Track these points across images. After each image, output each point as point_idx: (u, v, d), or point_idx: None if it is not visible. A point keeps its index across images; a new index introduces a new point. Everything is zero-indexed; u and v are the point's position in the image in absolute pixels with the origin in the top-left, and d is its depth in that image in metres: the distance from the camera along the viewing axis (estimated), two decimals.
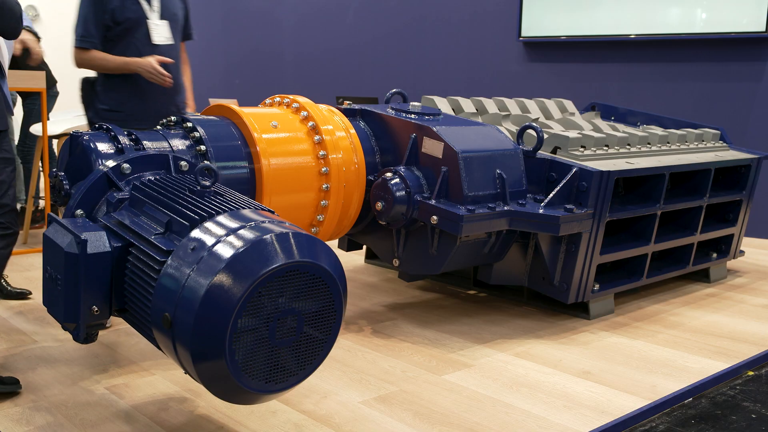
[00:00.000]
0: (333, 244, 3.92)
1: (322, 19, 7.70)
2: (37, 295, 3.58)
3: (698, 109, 5.68)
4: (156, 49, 3.41)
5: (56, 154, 5.18)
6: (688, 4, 5.66)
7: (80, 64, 3.35)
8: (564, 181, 3.14)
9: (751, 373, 2.85)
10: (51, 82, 5.17)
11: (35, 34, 3.62)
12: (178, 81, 3.49)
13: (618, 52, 6.06)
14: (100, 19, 3.35)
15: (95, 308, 1.94)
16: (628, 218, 3.52)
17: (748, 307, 3.68)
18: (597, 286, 3.39)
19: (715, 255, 4.13)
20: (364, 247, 4.06)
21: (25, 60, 3.55)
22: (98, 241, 1.91)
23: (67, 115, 5.26)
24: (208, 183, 2.03)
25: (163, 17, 3.50)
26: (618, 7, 5.93)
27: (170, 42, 3.48)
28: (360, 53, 7.48)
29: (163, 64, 3.32)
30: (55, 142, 5.26)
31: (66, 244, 1.91)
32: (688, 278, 4.13)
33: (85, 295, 1.91)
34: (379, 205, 3.04)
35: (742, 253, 4.34)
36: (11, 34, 2.80)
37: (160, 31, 3.48)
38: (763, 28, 5.31)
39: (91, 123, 3.46)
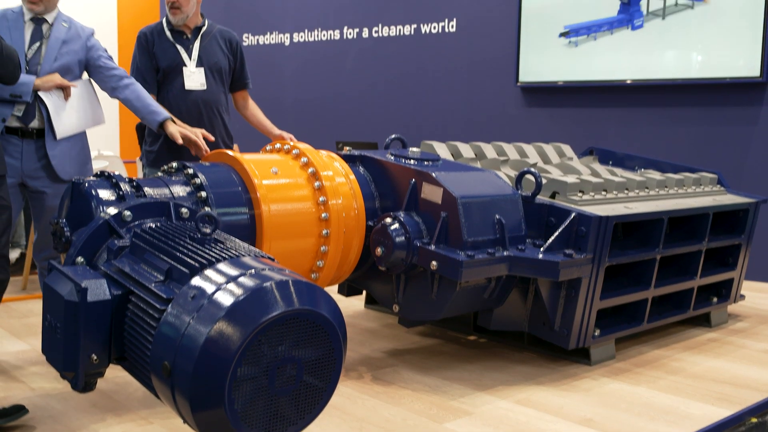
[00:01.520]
0: (333, 289, 3.92)
1: (322, 64, 7.79)
2: (36, 343, 3.56)
3: (695, 153, 5.72)
4: (189, 95, 3.78)
5: None
6: (684, 50, 5.74)
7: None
8: (563, 226, 3.15)
9: (754, 420, 2.82)
10: None
11: None
12: (213, 125, 3.79)
13: (615, 97, 6.13)
14: (149, 64, 3.66)
15: (94, 357, 1.94)
16: (628, 263, 3.53)
17: (750, 352, 3.66)
18: (598, 332, 3.37)
19: (715, 299, 4.12)
20: (364, 292, 4.05)
21: None
22: (98, 289, 1.91)
23: None
24: (208, 230, 2.04)
25: (200, 65, 3.81)
26: (614, 52, 6.01)
27: (203, 88, 3.75)
28: (359, 98, 7.57)
29: (195, 111, 3.61)
30: None
31: (66, 293, 1.91)
32: (689, 323, 4.12)
33: (84, 343, 1.91)
34: (378, 251, 3.05)
35: (742, 297, 4.33)
36: (9, 79, 2.84)
37: (194, 78, 3.78)
38: (757, 74, 5.38)
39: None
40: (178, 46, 3.83)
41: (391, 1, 7.29)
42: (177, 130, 3.36)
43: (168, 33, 3.84)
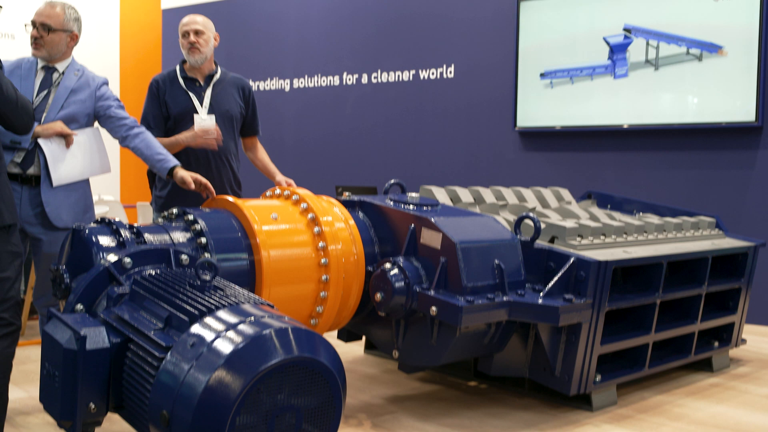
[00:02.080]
0: (332, 334, 3.90)
1: (322, 109, 7.87)
2: (34, 391, 3.53)
3: (693, 197, 5.74)
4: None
5: None
6: (680, 95, 5.81)
7: None
8: (562, 270, 3.15)
9: None
10: None
11: None
12: (221, 173, 3.84)
13: (612, 141, 6.17)
14: (158, 111, 3.72)
15: (92, 405, 1.92)
16: (628, 307, 3.52)
17: (752, 397, 3.63)
18: (599, 377, 3.35)
19: (717, 344, 4.10)
20: (364, 337, 4.03)
21: None
22: (97, 337, 1.91)
23: None
24: (208, 277, 2.04)
25: (211, 112, 3.86)
26: (610, 97, 6.08)
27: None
28: (359, 143, 7.62)
29: (203, 158, 3.68)
30: None
31: (65, 341, 1.91)
32: (690, 368, 4.09)
33: (82, 391, 1.90)
34: (378, 296, 3.05)
35: (743, 341, 4.31)
36: (23, 129, 2.87)
37: (205, 125, 3.81)
38: (753, 118, 5.43)
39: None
40: (190, 93, 3.87)
41: (390, 48, 7.39)
42: (188, 174, 3.37)
43: (181, 80, 3.90)
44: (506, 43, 6.59)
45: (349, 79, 7.67)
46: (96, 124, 3.48)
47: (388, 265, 3.07)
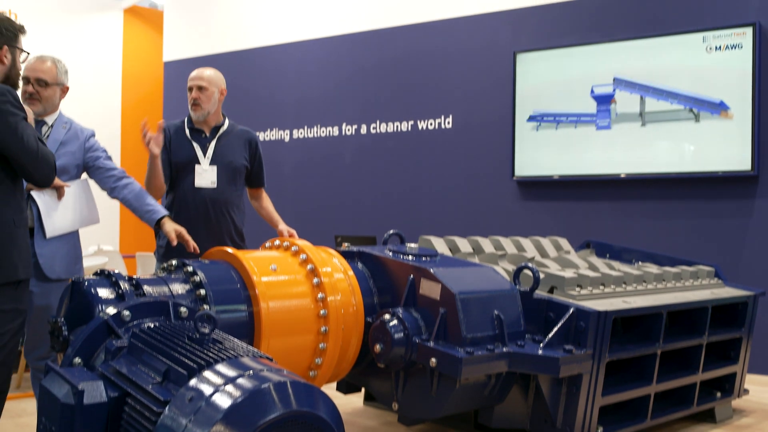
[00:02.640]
0: (331, 386, 3.87)
1: (321, 159, 7.93)
2: None
3: (691, 246, 5.76)
4: (198, 192, 3.84)
5: None
6: (676, 144, 5.86)
7: None
8: (562, 321, 3.15)
9: None
10: None
11: None
12: (220, 224, 3.84)
13: (610, 190, 6.21)
14: (164, 156, 3.77)
15: None
16: (629, 357, 3.50)
17: None
18: (601, 429, 3.32)
19: (719, 394, 4.07)
20: (363, 389, 4.00)
21: None
22: (95, 392, 1.90)
23: None
24: (206, 330, 2.04)
25: (213, 163, 3.89)
26: (607, 147, 6.14)
27: (213, 186, 3.82)
28: (358, 193, 7.66)
29: (202, 209, 3.66)
30: None
31: (62, 395, 1.89)
32: (693, 419, 4.05)
33: None
34: (377, 348, 3.03)
35: (746, 391, 4.27)
36: (44, 182, 2.87)
37: (206, 176, 3.86)
38: (749, 167, 5.48)
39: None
40: (194, 144, 3.93)
41: (389, 99, 7.49)
42: (172, 228, 3.39)
43: (187, 130, 3.95)
44: (503, 93, 6.68)
45: (349, 130, 7.75)
46: (84, 175, 3.51)
47: (387, 316, 3.07)
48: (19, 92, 2.89)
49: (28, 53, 2.97)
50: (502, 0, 6.82)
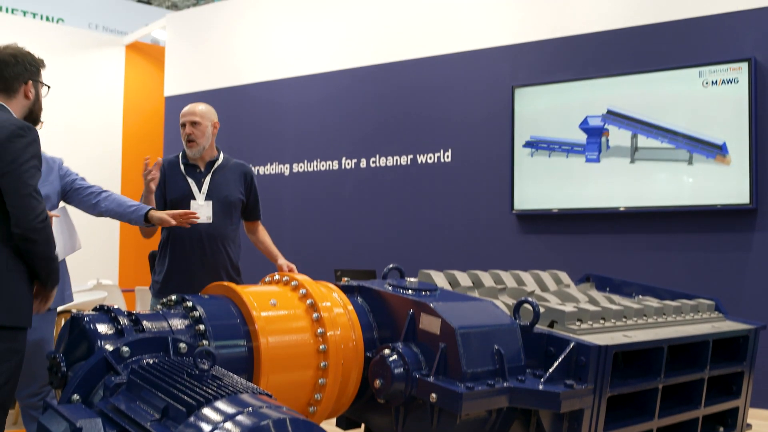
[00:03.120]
0: (331, 422, 3.83)
1: (321, 193, 7.96)
2: None
3: (692, 279, 5.76)
4: (194, 228, 3.83)
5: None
6: (675, 177, 5.89)
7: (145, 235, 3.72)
8: (562, 355, 3.13)
9: None
10: None
11: None
12: (216, 259, 3.82)
13: (609, 223, 6.23)
14: (156, 192, 3.76)
15: None
16: (630, 392, 3.48)
17: None
18: None
19: (722, 429, 4.03)
20: (363, 424, 3.97)
21: None
22: (93, 429, 1.89)
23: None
24: (206, 366, 2.03)
25: (209, 197, 3.88)
26: (606, 181, 6.17)
27: (209, 221, 3.81)
28: (357, 226, 7.68)
29: (198, 244, 3.65)
30: None
31: None
32: None
33: None
34: (377, 383, 3.02)
35: (749, 426, 4.24)
36: (48, 284, 2.87)
37: (201, 211, 3.86)
38: (747, 201, 5.50)
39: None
40: (189, 179, 3.94)
41: (388, 133, 7.54)
42: (163, 213, 3.38)
43: (182, 166, 3.96)
44: (502, 127, 6.73)
45: (348, 164, 7.79)
46: (61, 203, 3.53)
47: (387, 351, 3.05)
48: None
49: (49, 87, 3.00)
50: (500, 36, 6.90)
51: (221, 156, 4.07)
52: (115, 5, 13.58)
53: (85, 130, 9.44)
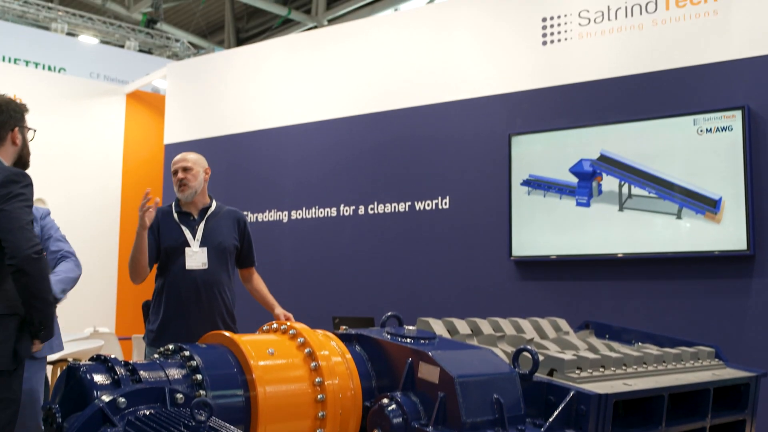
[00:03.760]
0: None
1: (319, 240, 7.97)
2: None
3: (691, 326, 5.74)
4: (189, 274, 3.83)
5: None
6: (672, 223, 5.91)
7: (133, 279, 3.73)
8: (562, 404, 3.11)
9: None
10: None
11: None
12: (212, 306, 3.81)
13: (607, 270, 6.23)
14: (152, 242, 3.77)
15: None
16: None
17: None
18: None
19: None
20: None
21: None
22: None
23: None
24: (203, 417, 2.02)
25: (204, 244, 3.90)
26: (604, 227, 6.19)
27: (204, 268, 3.82)
28: (356, 273, 7.67)
29: (193, 291, 3.66)
30: (49, 368, 5.22)
31: None
32: None
33: None
34: None
35: None
36: (44, 328, 2.87)
37: (196, 258, 3.88)
38: (744, 247, 5.51)
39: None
40: (183, 227, 3.95)
41: (386, 181, 7.58)
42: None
43: (175, 214, 3.98)
44: (499, 175, 6.77)
45: (346, 211, 7.82)
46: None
47: (385, 401, 3.03)
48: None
49: (35, 130, 3.03)
50: (497, 84, 6.99)
51: (214, 203, 4.09)
52: (117, 55, 13.79)
53: (85, 177, 9.49)
